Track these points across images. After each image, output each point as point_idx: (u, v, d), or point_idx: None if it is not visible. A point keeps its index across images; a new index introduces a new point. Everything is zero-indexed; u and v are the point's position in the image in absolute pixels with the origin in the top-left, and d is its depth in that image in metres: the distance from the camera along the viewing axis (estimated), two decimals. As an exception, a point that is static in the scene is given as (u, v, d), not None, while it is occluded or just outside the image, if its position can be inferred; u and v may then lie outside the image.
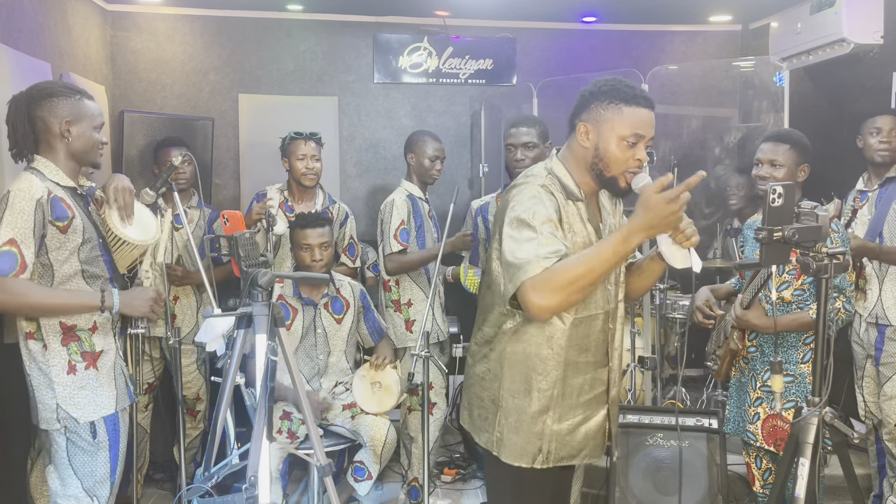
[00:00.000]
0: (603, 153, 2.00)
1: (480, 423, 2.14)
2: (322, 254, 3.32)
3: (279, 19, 5.00)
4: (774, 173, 2.78)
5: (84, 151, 2.45)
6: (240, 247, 2.29)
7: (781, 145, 2.81)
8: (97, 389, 2.41)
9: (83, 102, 2.45)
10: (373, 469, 3.23)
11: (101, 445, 2.41)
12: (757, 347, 2.92)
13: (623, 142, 1.98)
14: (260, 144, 4.87)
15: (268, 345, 2.14)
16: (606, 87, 2.00)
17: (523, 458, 2.06)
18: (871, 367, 3.30)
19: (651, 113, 2.00)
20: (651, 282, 2.21)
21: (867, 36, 4.14)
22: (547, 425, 2.05)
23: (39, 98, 2.40)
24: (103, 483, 2.42)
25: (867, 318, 3.26)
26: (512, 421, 2.06)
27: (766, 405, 2.84)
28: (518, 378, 2.05)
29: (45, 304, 2.32)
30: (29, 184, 2.31)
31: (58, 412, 2.36)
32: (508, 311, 2.03)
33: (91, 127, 2.46)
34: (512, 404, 2.06)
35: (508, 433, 2.06)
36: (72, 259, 2.37)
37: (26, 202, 2.27)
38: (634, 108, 1.97)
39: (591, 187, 2.08)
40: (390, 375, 3.33)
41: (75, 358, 2.39)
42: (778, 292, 2.83)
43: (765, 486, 3.02)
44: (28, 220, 2.26)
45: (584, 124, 2.02)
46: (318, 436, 2.37)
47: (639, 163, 2.00)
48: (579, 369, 2.07)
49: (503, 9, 4.82)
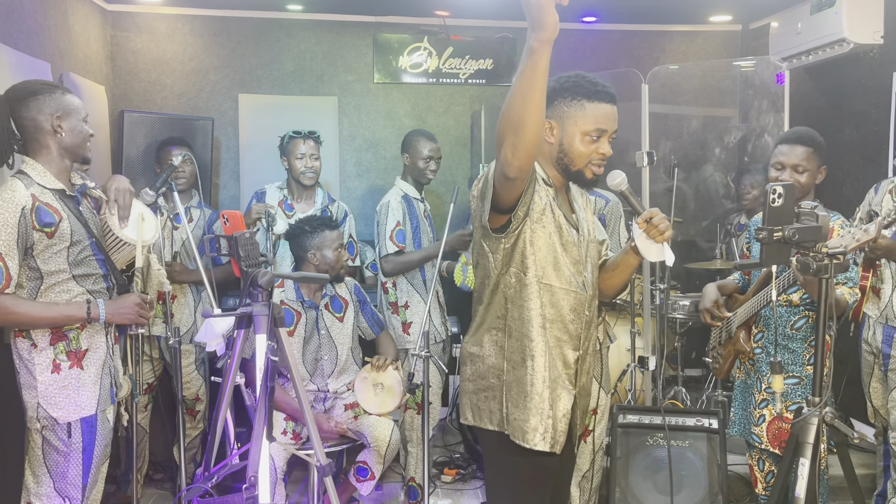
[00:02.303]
0: (567, 148, 2.05)
1: (488, 405, 2.10)
2: (344, 254, 3.44)
3: (279, 19, 5.00)
4: (799, 179, 2.70)
5: (76, 145, 2.45)
6: (240, 247, 2.28)
7: (804, 149, 2.72)
8: (79, 389, 2.41)
9: (66, 97, 2.44)
10: (376, 469, 3.23)
11: (75, 448, 2.40)
12: (763, 349, 2.90)
13: (586, 137, 2.02)
14: (260, 144, 4.87)
15: (268, 345, 2.14)
16: (569, 83, 2.03)
17: (528, 435, 2.03)
18: (878, 369, 3.28)
19: (613, 107, 2.04)
20: (625, 277, 2.22)
21: (867, 36, 4.14)
22: (545, 401, 2.03)
23: (23, 98, 2.38)
24: (75, 485, 2.41)
25: (878, 320, 3.23)
26: (514, 394, 2.05)
27: (771, 407, 2.82)
28: (515, 347, 2.05)
29: (31, 318, 2.32)
30: (12, 193, 2.29)
31: (38, 411, 2.36)
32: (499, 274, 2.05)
33: (79, 119, 2.45)
34: (513, 376, 2.05)
35: (513, 409, 2.05)
36: (59, 261, 2.37)
37: (10, 214, 2.26)
38: (597, 103, 2.01)
39: (559, 180, 2.12)
40: (392, 376, 3.33)
41: (60, 357, 2.39)
42: (787, 294, 2.82)
43: (767, 488, 3.01)
44: (12, 232, 2.26)
45: (548, 121, 2.04)
46: (319, 436, 2.37)
47: (602, 156, 2.04)
48: (554, 342, 2.06)
49: (503, 9, 4.82)
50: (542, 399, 2.03)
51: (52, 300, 2.38)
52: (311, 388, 3.38)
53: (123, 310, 2.46)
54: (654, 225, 2.00)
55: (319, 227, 3.37)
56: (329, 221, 3.43)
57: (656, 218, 2.00)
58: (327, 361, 3.40)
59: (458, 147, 5.24)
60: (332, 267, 3.35)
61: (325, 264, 3.34)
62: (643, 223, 2.02)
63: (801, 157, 2.73)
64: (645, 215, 2.02)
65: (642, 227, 2.02)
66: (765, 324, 2.90)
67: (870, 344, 3.29)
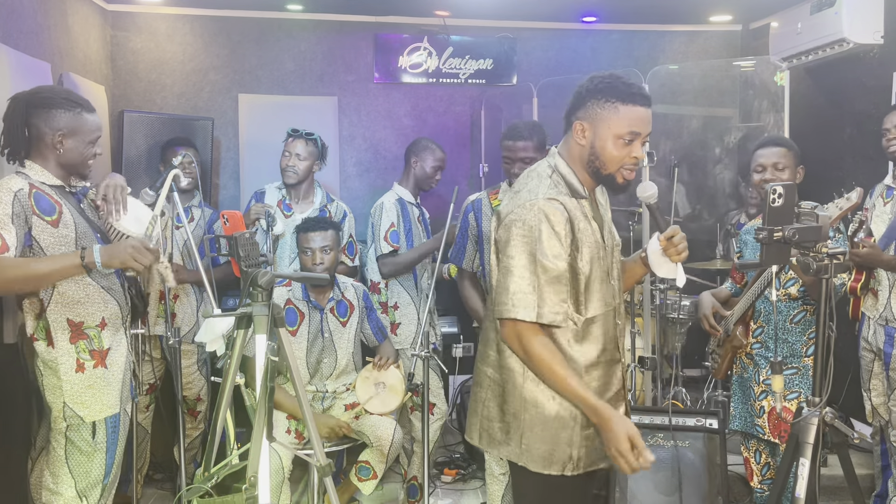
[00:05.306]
0: (599, 151, 1.99)
1: (501, 437, 2.06)
2: (323, 257, 3.32)
3: (279, 19, 5.00)
4: (780, 175, 2.82)
5: (74, 164, 2.44)
6: (240, 247, 2.28)
7: (780, 148, 2.86)
8: (104, 388, 2.42)
9: (82, 116, 2.42)
10: (378, 469, 3.23)
11: (99, 447, 2.41)
12: (762, 344, 2.94)
13: (619, 140, 1.96)
14: (260, 144, 4.87)
15: (268, 345, 2.14)
16: (603, 84, 1.98)
17: (553, 467, 2.01)
18: (879, 367, 3.29)
19: (647, 110, 1.99)
20: (628, 285, 2.23)
21: (867, 36, 4.14)
22: (576, 431, 2.00)
23: (39, 105, 2.38)
24: (96, 485, 2.42)
25: (877, 321, 3.24)
26: (538, 431, 2.00)
27: (770, 398, 2.87)
28: (537, 387, 2.00)
29: (26, 274, 2.24)
30: (7, 181, 2.32)
31: (64, 411, 2.36)
32: None
33: (85, 142, 2.43)
34: (535, 413, 2.00)
35: (535, 443, 2.00)
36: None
37: (3, 193, 2.28)
38: (631, 106, 1.96)
39: (590, 184, 2.07)
40: (394, 375, 3.33)
41: (84, 356, 2.39)
42: (785, 289, 2.86)
43: (763, 481, 3.03)
44: (6, 209, 2.26)
45: (580, 122, 2.00)
46: (319, 436, 2.37)
47: (635, 160, 1.99)
48: (598, 368, 2.04)
49: (503, 9, 4.82)
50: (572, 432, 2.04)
51: (67, 294, 2.38)
52: (310, 388, 3.38)
53: (118, 251, 2.31)
54: (674, 244, 2.00)
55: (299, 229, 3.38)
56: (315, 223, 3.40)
57: (677, 237, 2.00)
58: (326, 364, 3.39)
59: (458, 147, 5.23)
60: (310, 270, 3.33)
61: (304, 269, 3.34)
62: (664, 241, 2.02)
63: (778, 156, 2.85)
64: (668, 233, 2.02)
65: (662, 245, 2.02)
66: (764, 319, 2.93)
67: (870, 343, 3.30)
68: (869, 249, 2.93)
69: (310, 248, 3.32)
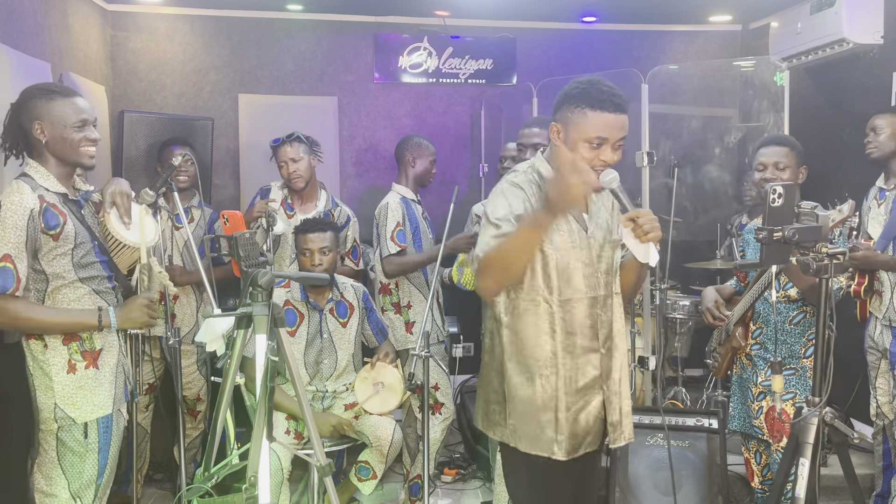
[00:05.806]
0: (571, 153, 2.09)
1: (495, 418, 2.18)
2: (322, 258, 3.32)
3: (279, 19, 5.00)
4: (781, 175, 2.82)
5: (63, 152, 2.39)
6: (240, 247, 2.28)
7: (781, 147, 2.85)
8: (96, 389, 2.41)
9: (53, 102, 2.37)
10: (378, 469, 3.23)
11: (91, 448, 2.40)
12: (761, 345, 2.94)
13: (587, 144, 2.06)
14: (260, 144, 4.85)
15: (268, 345, 2.14)
16: (577, 90, 2.08)
17: (539, 447, 2.10)
18: (885, 366, 3.29)
19: (618, 116, 2.05)
20: (631, 277, 2.26)
21: (867, 36, 4.14)
22: (558, 416, 2.10)
23: (22, 103, 2.38)
24: (89, 486, 2.41)
25: (882, 321, 3.25)
26: (521, 411, 2.11)
27: (769, 398, 2.88)
28: (521, 367, 2.11)
29: (42, 324, 2.33)
30: (20, 196, 2.29)
31: (55, 412, 2.36)
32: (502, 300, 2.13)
33: (67, 126, 2.37)
34: (519, 394, 2.11)
35: (521, 424, 2.11)
36: (64, 263, 2.36)
37: (19, 216, 2.26)
38: (599, 112, 2.04)
39: None
40: (392, 375, 3.33)
41: (75, 357, 2.39)
42: (784, 290, 2.85)
43: (763, 481, 3.03)
44: (21, 234, 2.26)
45: (555, 125, 2.12)
46: (319, 436, 2.37)
47: (603, 163, 2.07)
48: (572, 354, 2.12)
49: (503, 9, 4.82)
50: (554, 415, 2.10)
51: (61, 301, 2.38)
52: (310, 388, 3.38)
53: (133, 314, 2.45)
54: (639, 225, 2.03)
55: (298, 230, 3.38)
56: (314, 224, 3.39)
57: (642, 219, 2.02)
58: (327, 365, 3.39)
59: (458, 147, 5.23)
60: (308, 271, 3.32)
61: (303, 269, 3.34)
62: (628, 222, 2.05)
63: (780, 155, 2.84)
64: (630, 214, 2.05)
65: (628, 227, 2.05)
66: (764, 321, 2.93)
67: (876, 342, 3.31)
68: (865, 252, 2.96)
69: (308, 249, 3.32)
